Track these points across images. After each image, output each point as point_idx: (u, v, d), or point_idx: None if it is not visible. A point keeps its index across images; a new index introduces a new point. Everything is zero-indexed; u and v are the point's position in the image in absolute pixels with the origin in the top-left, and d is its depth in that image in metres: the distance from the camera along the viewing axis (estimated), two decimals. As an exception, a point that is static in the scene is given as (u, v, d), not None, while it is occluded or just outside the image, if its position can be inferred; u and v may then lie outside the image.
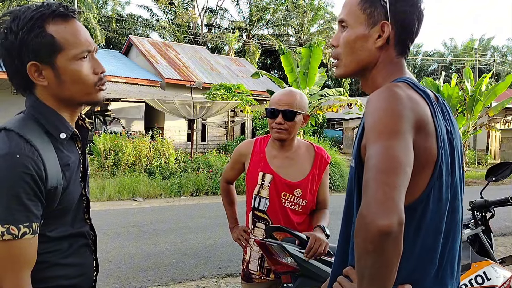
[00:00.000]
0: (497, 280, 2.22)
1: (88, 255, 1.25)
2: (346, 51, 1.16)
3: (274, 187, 2.00)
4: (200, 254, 5.17)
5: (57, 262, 1.14)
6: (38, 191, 1.04)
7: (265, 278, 2.05)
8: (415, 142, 0.98)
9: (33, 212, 1.03)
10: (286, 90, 2.03)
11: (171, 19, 35.28)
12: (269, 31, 37.83)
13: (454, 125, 1.14)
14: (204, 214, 7.71)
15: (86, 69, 1.14)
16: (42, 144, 1.07)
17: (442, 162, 1.03)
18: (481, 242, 2.46)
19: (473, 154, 20.07)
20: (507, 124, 20.56)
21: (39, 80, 1.11)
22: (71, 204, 1.16)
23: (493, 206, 2.53)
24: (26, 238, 1.02)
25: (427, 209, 1.03)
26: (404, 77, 1.10)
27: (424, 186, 1.02)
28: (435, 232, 1.05)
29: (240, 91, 17.30)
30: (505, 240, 6.42)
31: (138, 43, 22.41)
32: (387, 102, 0.99)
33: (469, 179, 14.39)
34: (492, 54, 43.39)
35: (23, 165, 1.01)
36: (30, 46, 1.08)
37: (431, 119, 1.02)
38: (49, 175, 1.06)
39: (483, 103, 16.07)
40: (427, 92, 1.07)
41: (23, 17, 1.08)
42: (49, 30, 1.09)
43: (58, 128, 1.14)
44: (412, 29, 1.12)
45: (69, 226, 1.18)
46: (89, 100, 1.19)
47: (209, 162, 11.34)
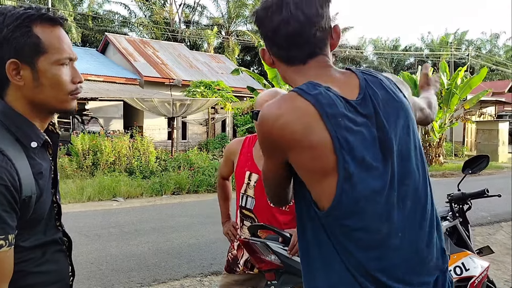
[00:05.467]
0: (475, 271, 2.28)
1: (63, 261, 1.24)
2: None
3: (260, 187, 2.02)
4: (183, 253, 5.15)
5: (32, 270, 1.12)
6: (13, 202, 1.01)
7: (248, 272, 2.10)
8: (292, 158, 1.06)
9: (9, 223, 1.00)
10: (271, 91, 2.04)
11: (148, 16, 34.86)
12: (248, 27, 37.76)
13: (387, 105, 1.10)
14: (186, 213, 7.68)
15: (65, 76, 1.14)
16: (14, 153, 1.04)
17: (347, 163, 1.01)
18: (459, 234, 2.52)
19: (450, 146, 20.51)
20: (482, 116, 21.07)
21: (15, 79, 1.09)
22: (44, 213, 1.14)
23: (470, 199, 2.60)
24: (3, 250, 0.99)
25: (344, 212, 1.04)
26: (304, 84, 1.08)
27: (332, 192, 1.03)
28: (367, 230, 1.05)
29: (220, 88, 17.25)
30: (482, 230, 6.59)
31: (115, 40, 22.09)
32: (258, 125, 1.09)
33: (447, 171, 14.71)
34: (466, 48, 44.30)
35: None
36: (14, 44, 1.07)
37: (317, 126, 1.01)
38: (23, 185, 1.03)
39: (458, 96, 16.39)
40: (316, 96, 1.03)
41: (10, 14, 1.08)
42: (36, 31, 1.09)
43: (30, 136, 1.11)
44: (274, 42, 1.14)
45: (42, 235, 1.15)
46: (61, 108, 1.17)
47: (190, 160, 11.28)
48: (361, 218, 1.04)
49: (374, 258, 1.05)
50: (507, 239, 6.24)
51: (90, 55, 21.63)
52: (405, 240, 1.07)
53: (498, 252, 5.45)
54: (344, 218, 1.04)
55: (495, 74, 43.21)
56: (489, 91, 19.24)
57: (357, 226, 1.05)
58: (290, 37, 1.11)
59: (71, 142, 12.29)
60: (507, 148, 19.68)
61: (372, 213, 1.04)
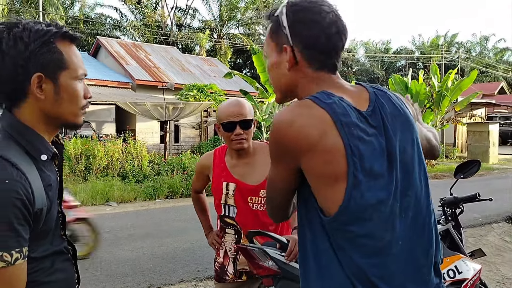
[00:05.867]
0: (468, 273, 2.33)
1: (70, 269, 1.26)
2: (270, 79, 1.26)
3: (239, 194, 2.06)
4: (178, 258, 5.16)
5: (43, 280, 1.14)
6: (28, 215, 1.03)
7: (237, 280, 2.11)
8: (304, 164, 1.09)
9: (23, 236, 1.03)
10: (234, 101, 2.10)
11: (140, 19, 34.78)
12: (240, 30, 37.84)
13: (394, 118, 1.15)
14: (180, 217, 7.67)
15: (81, 91, 1.19)
16: (26, 166, 1.07)
17: (357, 170, 1.05)
18: (451, 237, 2.57)
19: (442, 148, 20.70)
20: (472, 118, 21.30)
21: (37, 92, 1.11)
22: (52, 224, 1.16)
23: (462, 203, 2.65)
24: (19, 263, 1.02)
25: (350, 218, 1.07)
26: (318, 92, 1.13)
27: (340, 198, 1.06)
28: (371, 237, 1.08)
29: (213, 91, 17.26)
30: (474, 231, 6.66)
31: (107, 44, 22.01)
32: (274, 129, 1.13)
33: (438, 173, 14.83)
34: (457, 50, 44.73)
35: (14, 191, 1.01)
36: (41, 59, 1.10)
37: (331, 132, 1.05)
38: (36, 197, 1.05)
39: (449, 99, 16.59)
40: (332, 105, 1.08)
41: (35, 30, 1.10)
42: (59, 47, 1.13)
43: (39, 149, 1.14)
44: (318, 45, 1.15)
45: (49, 245, 1.17)
46: (73, 121, 1.21)
47: (183, 164, 11.27)
48: (366, 225, 1.08)
49: (375, 265, 1.08)
50: (498, 240, 6.32)
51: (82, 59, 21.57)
52: (404, 249, 1.11)
53: (489, 253, 5.52)
54: (350, 224, 1.07)
55: (485, 76, 43.67)
56: (480, 93, 19.46)
57: (361, 232, 1.08)
58: (336, 47, 1.17)
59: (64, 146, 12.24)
60: (497, 150, 19.89)
61: (377, 221, 1.08)
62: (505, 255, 5.61)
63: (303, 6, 1.15)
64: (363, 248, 1.08)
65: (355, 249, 1.08)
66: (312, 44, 1.15)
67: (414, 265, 1.12)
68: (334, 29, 1.15)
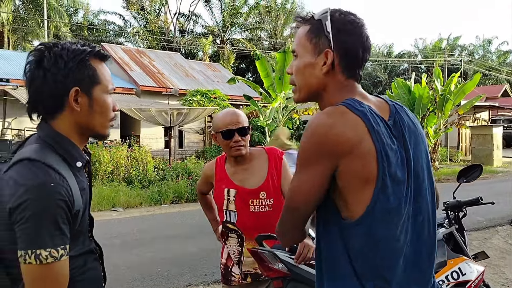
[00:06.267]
0: (471, 275, 2.39)
1: (98, 268, 1.37)
2: (298, 78, 1.30)
3: (239, 199, 2.16)
4: (185, 262, 5.22)
5: (78, 278, 1.24)
6: (70, 215, 1.15)
7: (242, 281, 2.18)
8: (343, 166, 1.13)
9: (67, 235, 1.14)
10: (230, 111, 2.22)
11: (143, 25, 35.01)
12: (242, 35, 38.02)
13: (411, 130, 1.25)
14: (186, 222, 7.75)
15: (111, 104, 1.31)
16: (65, 172, 1.18)
17: (385, 175, 1.13)
18: (455, 240, 2.63)
19: (445, 151, 20.68)
20: (476, 121, 21.29)
21: (74, 105, 1.23)
22: (86, 225, 1.28)
23: (465, 206, 2.72)
24: (63, 259, 1.13)
25: (375, 220, 1.15)
26: (348, 99, 1.20)
27: (368, 200, 1.14)
28: (392, 239, 1.17)
29: (216, 96, 17.36)
30: (478, 235, 6.68)
31: (111, 50, 22.15)
32: (313, 131, 1.16)
33: (442, 176, 14.84)
34: (459, 53, 44.73)
35: (58, 193, 1.12)
36: (78, 75, 1.22)
37: (366, 138, 1.13)
38: (75, 200, 1.17)
39: (453, 102, 16.59)
40: (365, 112, 1.16)
41: (72, 50, 1.24)
42: (93, 64, 1.26)
43: (75, 157, 1.25)
44: (356, 56, 1.24)
45: (82, 245, 1.28)
46: (101, 132, 1.32)
47: (188, 169, 11.35)
48: (389, 227, 1.16)
49: (390, 267, 1.17)
50: (502, 243, 6.34)
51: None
52: (412, 251, 1.20)
53: (494, 256, 5.55)
54: (375, 226, 1.15)
55: (488, 78, 43.62)
56: (483, 96, 19.45)
57: (383, 234, 1.16)
58: (366, 60, 1.27)
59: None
60: (501, 153, 19.85)
61: (398, 224, 1.17)
62: (509, 258, 5.63)
63: (349, 17, 1.24)
64: (383, 251, 1.16)
65: (376, 252, 1.16)
66: (352, 54, 1.23)
67: (419, 267, 1.22)
68: (368, 44, 1.26)
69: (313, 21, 1.27)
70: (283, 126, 14.80)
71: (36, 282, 1.10)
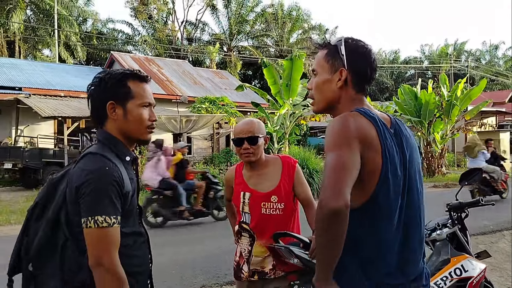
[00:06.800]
0: (474, 272, 2.54)
1: (146, 249, 1.66)
2: (316, 92, 1.56)
3: (253, 201, 2.34)
4: (198, 265, 5.38)
5: (128, 253, 1.53)
6: (121, 193, 1.48)
7: (250, 278, 2.35)
8: (362, 153, 1.35)
9: (118, 208, 1.47)
10: (246, 120, 2.45)
11: (151, 33, 35.45)
12: (249, 42, 38.34)
13: (408, 140, 1.50)
14: (197, 227, 7.91)
15: (145, 115, 1.63)
16: (117, 163, 1.53)
17: (387, 169, 1.37)
18: (458, 239, 2.79)
19: (452, 157, 20.71)
20: (483, 127, 21.32)
21: (112, 115, 1.59)
22: (135, 207, 1.61)
23: (467, 207, 2.87)
24: (115, 226, 1.45)
25: (376, 208, 1.38)
26: (359, 108, 1.45)
27: (372, 189, 1.37)
28: (392, 225, 1.40)
29: (224, 103, 17.59)
30: (485, 239, 6.75)
31: (121, 58, 22.53)
32: (338, 125, 1.39)
33: (449, 182, 14.87)
34: (466, 59, 44.71)
35: (112, 175, 1.47)
36: (113, 91, 1.59)
37: (376, 137, 1.38)
38: (125, 183, 1.50)
39: (459, 108, 16.65)
40: (375, 117, 1.42)
41: (114, 73, 1.63)
42: (129, 84, 1.61)
43: (125, 153, 1.61)
44: (365, 74, 1.51)
45: (132, 225, 1.59)
46: (140, 138, 1.65)
47: (198, 175, 11.50)
48: (388, 215, 1.39)
49: (387, 249, 1.40)
50: (509, 247, 6.43)
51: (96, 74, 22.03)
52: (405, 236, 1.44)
53: (500, 259, 5.65)
54: (376, 213, 1.38)
55: (495, 84, 43.55)
56: (489, 101, 19.50)
57: (383, 221, 1.39)
58: (373, 79, 1.55)
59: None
60: (508, 158, 19.85)
61: (394, 213, 1.40)
62: (516, 261, 5.72)
63: (359, 43, 1.52)
64: (382, 234, 1.39)
65: (376, 236, 1.38)
66: (361, 72, 1.51)
67: (412, 250, 1.46)
68: (374, 65, 1.53)
69: (330, 46, 1.54)
70: (290, 132, 14.98)
71: (94, 242, 1.42)
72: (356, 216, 1.35)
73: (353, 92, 1.51)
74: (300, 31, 39.91)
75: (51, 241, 1.50)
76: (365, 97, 1.54)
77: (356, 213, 1.36)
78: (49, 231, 1.50)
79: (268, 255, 2.29)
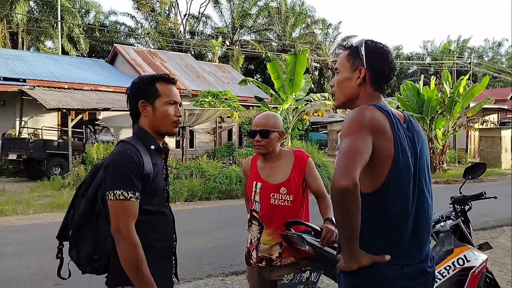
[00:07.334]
0: (476, 262, 2.64)
1: (169, 228, 1.92)
2: (338, 88, 1.71)
3: (263, 191, 2.44)
4: (203, 255, 5.49)
5: (153, 229, 1.81)
6: (140, 174, 1.72)
7: (258, 264, 2.46)
8: (375, 141, 1.47)
9: (136, 185, 1.71)
10: (263, 114, 2.56)
11: (154, 26, 35.42)
12: (251, 36, 38.30)
13: (419, 135, 1.63)
14: (201, 219, 8.03)
15: (170, 111, 1.89)
16: (142, 149, 1.79)
17: (399, 158, 1.49)
18: (461, 231, 2.89)
19: (454, 153, 20.80)
20: (485, 124, 21.37)
21: (143, 112, 1.87)
22: (158, 189, 1.83)
23: (470, 200, 2.97)
24: (132, 200, 1.69)
25: (388, 194, 1.50)
26: (375, 103, 1.58)
27: (384, 176, 1.49)
28: (402, 210, 1.51)
29: (227, 97, 17.65)
30: (485, 234, 6.85)
31: (124, 51, 22.57)
32: (353, 116, 1.52)
33: (450, 178, 14.99)
34: (469, 56, 44.65)
35: (132, 158, 1.72)
36: (144, 92, 1.88)
37: (389, 128, 1.51)
38: (145, 166, 1.75)
39: (461, 104, 16.72)
40: (389, 112, 1.56)
41: (145, 77, 1.93)
42: (157, 85, 1.88)
43: (151, 142, 1.87)
44: (383, 73, 1.64)
45: (157, 205, 1.84)
46: (167, 131, 1.91)
47: (201, 168, 11.62)
48: (399, 200, 1.50)
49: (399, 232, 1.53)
50: (509, 242, 6.53)
51: (99, 66, 22.12)
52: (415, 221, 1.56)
53: (500, 254, 5.75)
54: (388, 198, 1.49)
55: (497, 81, 43.53)
56: (492, 99, 19.57)
57: (395, 205, 1.50)
58: (391, 78, 1.68)
59: (85, 151, 12.69)
60: (510, 155, 19.94)
61: (405, 199, 1.52)
62: (515, 256, 5.82)
63: (378, 45, 1.67)
64: (395, 217, 1.51)
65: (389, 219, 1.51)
66: (379, 72, 1.64)
67: (420, 233, 1.58)
68: (392, 65, 1.67)
69: (352, 47, 1.68)
70: (293, 127, 15.06)
71: (113, 212, 1.68)
72: (368, 201, 1.47)
73: (370, 89, 1.64)
74: (303, 26, 39.86)
75: (90, 213, 1.80)
76: (382, 94, 1.67)
77: (369, 198, 1.48)
78: (89, 205, 1.80)
79: (275, 244, 2.39)
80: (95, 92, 17.92)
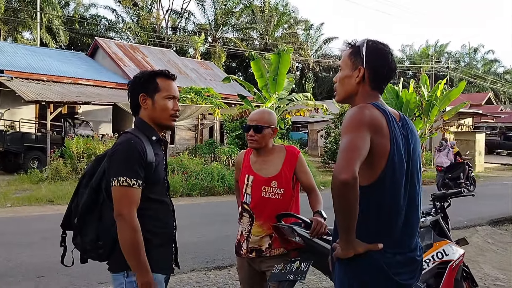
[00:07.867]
0: (454, 256, 2.79)
1: (170, 217, 2.00)
2: (339, 85, 1.80)
3: (255, 184, 2.52)
4: (187, 250, 5.50)
5: (154, 216, 1.90)
6: (143, 162, 1.81)
7: (249, 255, 2.53)
8: (373, 138, 1.56)
9: (139, 174, 1.80)
10: (259, 110, 2.65)
11: (135, 20, 35.00)
12: (234, 34, 38.23)
13: (413, 133, 1.73)
14: (183, 215, 7.94)
15: (169, 105, 1.98)
16: (144, 140, 1.88)
17: (394, 155, 1.59)
18: (440, 226, 3.03)
19: (430, 155, 21.26)
20: (460, 127, 21.96)
21: (143, 104, 1.97)
22: (160, 177, 1.93)
23: (449, 197, 3.12)
24: (134, 187, 1.78)
25: (384, 187, 1.59)
26: (373, 102, 1.67)
27: (380, 170, 1.59)
28: (396, 202, 1.61)
29: (209, 94, 17.63)
30: (460, 233, 7.03)
31: (105, 45, 22.27)
32: (353, 114, 1.61)
33: (426, 179, 15.30)
34: (446, 60, 45.65)
35: (135, 147, 1.81)
36: (145, 86, 1.97)
37: (386, 126, 1.60)
38: (148, 155, 1.83)
39: (438, 108, 17.13)
40: (386, 111, 1.65)
41: (147, 72, 2.03)
42: (157, 81, 1.98)
43: (152, 134, 1.96)
44: (381, 73, 1.72)
45: (159, 194, 1.93)
46: (166, 124, 2.00)
47: (183, 165, 11.60)
48: (393, 194, 1.60)
49: (393, 224, 1.64)
50: (481, 242, 6.78)
51: (79, 59, 21.74)
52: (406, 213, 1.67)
53: (473, 253, 5.97)
54: (383, 192, 1.58)
55: (473, 86, 44.65)
56: (467, 103, 20.11)
57: (389, 199, 1.60)
58: (390, 78, 1.76)
59: (64, 145, 12.50)
60: (483, 158, 20.53)
61: (399, 192, 1.62)
62: (487, 255, 6.04)
63: (379, 46, 1.74)
64: (389, 208, 1.61)
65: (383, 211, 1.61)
66: (378, 72, 1.72)
67: (411, 225, 1.69)
68: (392, 65, 1.74)
69: (355, 46, 1.76)
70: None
71: (117, 198, 1.76)
72: (366, 193, 1.57)
73: (369, 88, 1.72)
74: (285, 26, 40.03)
75: (93, 202, 1.87)
76: (380, 94, 1.75)
77: (366, 190, 1.58)
78: (93, 195, 1.87)
79: (266, 235, 2.47)
80: (75, 85, 17.65)
